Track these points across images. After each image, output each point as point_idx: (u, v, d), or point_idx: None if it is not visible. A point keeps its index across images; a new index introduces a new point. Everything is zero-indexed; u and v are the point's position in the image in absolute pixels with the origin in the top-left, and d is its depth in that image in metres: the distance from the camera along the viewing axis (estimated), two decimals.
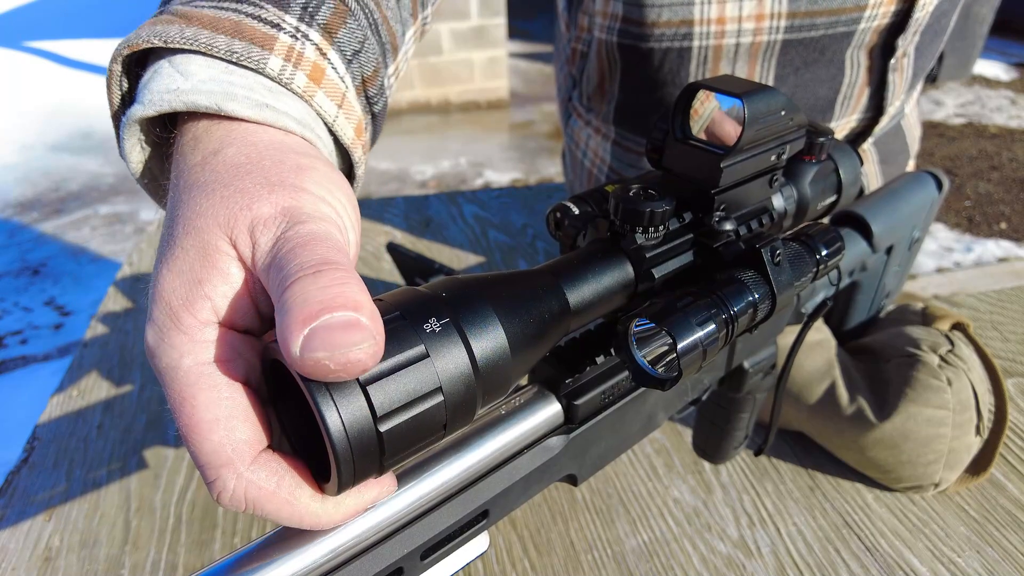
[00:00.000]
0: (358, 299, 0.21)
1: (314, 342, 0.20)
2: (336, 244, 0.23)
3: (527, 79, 4.21)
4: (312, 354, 0.20)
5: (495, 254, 0.97)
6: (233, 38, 0.28)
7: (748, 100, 0.31)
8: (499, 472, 0.30)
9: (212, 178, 0.25)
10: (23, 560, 0.56)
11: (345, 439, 0.21)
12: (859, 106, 0.70)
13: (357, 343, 0.20)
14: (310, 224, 0.24)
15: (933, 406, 0.56)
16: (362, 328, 0.20)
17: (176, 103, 0.27)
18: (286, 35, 0.30)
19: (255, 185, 0.25)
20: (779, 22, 0.60)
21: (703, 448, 0.54)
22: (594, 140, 0.78)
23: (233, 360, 0.24)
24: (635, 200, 0.31)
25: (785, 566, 0.53)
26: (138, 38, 0.28)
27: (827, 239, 0.36)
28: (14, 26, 5.62)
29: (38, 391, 1.91)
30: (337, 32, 0.32)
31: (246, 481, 0.22)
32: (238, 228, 0.24)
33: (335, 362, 0.20)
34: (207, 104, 0.27)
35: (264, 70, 0.29)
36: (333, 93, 0.31)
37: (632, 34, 0.63)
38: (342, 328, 0.20)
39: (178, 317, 0.23)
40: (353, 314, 0.20)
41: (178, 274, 0.24)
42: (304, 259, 0.22)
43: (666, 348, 0.29)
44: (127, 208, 2.97)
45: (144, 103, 0.27)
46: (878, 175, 0.77)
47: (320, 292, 0.21)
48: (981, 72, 4.11)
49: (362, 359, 0.20)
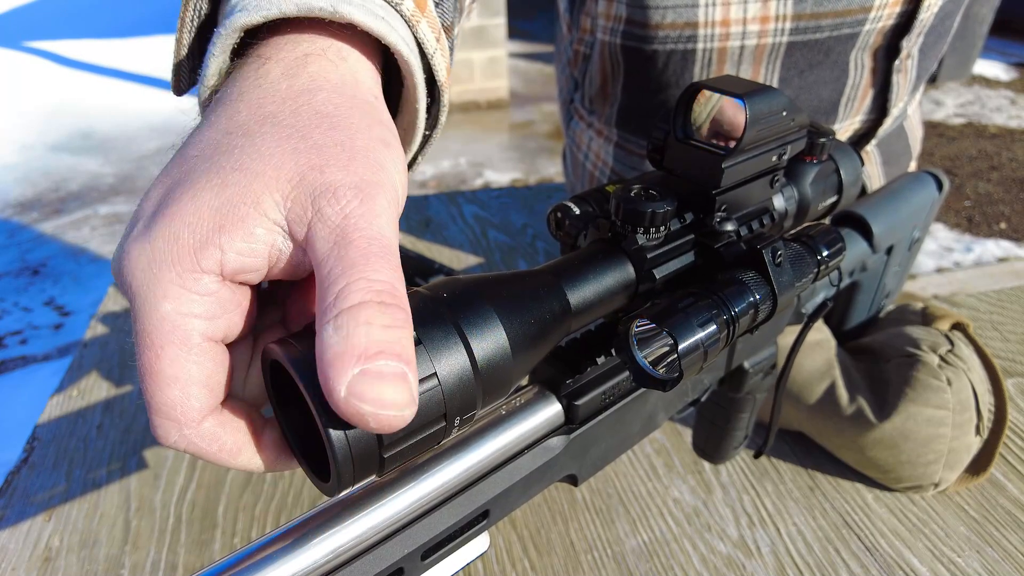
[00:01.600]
0: (410, 351, 0.20)
1: (362, 388, 0.19)
2: (397, 261, 0.22)
3: (527, 79, 4.21)
4: (358, 403, 0.19)
5: (495, 254, 0.97)
6: None
7: (750, 100, 0.31)
8: (499, 472, 0.30)
9: (292, 120, 0.23)
10: (23, 560, 0.56)
11: (345, 443, 0.21)
12: (863, 108, 0.69)
13: (402, 408, 0.19)
14: (381, 220, 0.22)
15: (933, 406, 0.56)
16: (408, 389, 0.20)
17: (287, 6, 0.24)
18: None
19: (336, 145, 0.23)
20: (784, 24, 0.60)
21: (703, 448, 0.54)
22: (596, 142, 0.78)
23: (216, 317, 0.22)
24: (636, 200, 0.31)
25: (785, 566, 0.53)
26: None
27: (828, 240, 0.36)
28: (14, 26, 5.62)
29: (38, 391, 1.91)
30: None
31: (186, 439, 0.22)
32: (300, 189, 0.22)
33: (376, 421, 0.19)
34: (320, 5, 0.24)
35: None
36: (433, 25, 0.30)
37: (636, 36, 0.63)
38: (392, 383, 0.19)
39: (180, 255, 0.21)
40: (405, 368, 0.20)
41: (203, 207, 0.21)
42: (372, 276, 0.20)
43: (667, 349, 0.29)
44: (127, 208, 2.97)
45: (249, 9, 0.24)
46: (881, 176, 0.77)
47: (382, 332, 0.19)
48: (981, 72, 4.12)
49: (398, 424, 0.20)
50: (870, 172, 0.76)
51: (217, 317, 0.22)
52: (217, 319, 0.22)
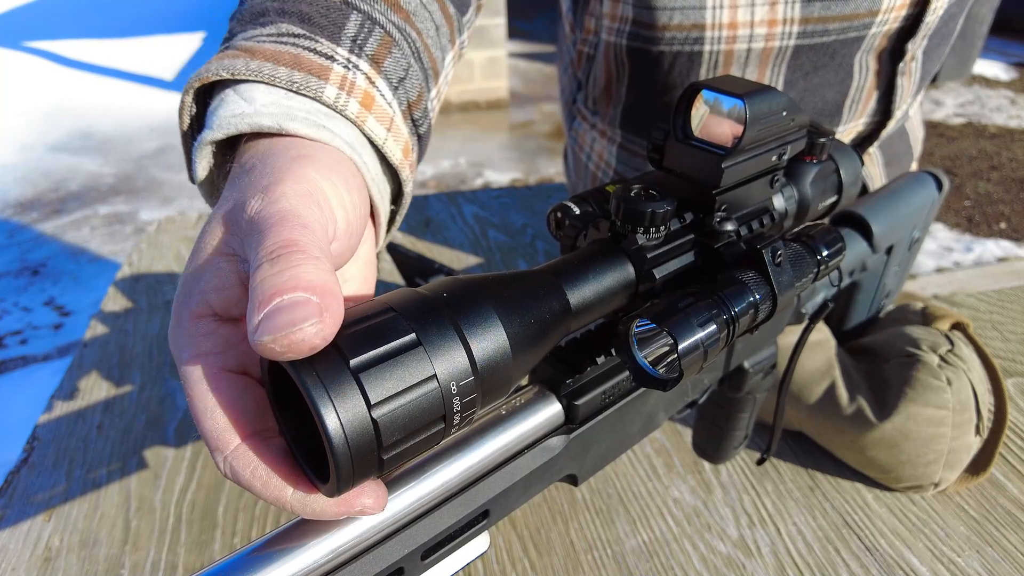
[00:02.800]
0: (310, 279, 0.22)
1: (263, 325, 0.21)
2: (299, 222, 0.24)
3: (527, 79, 4.21)
4: (260, 338, 0.21)
5: (495, 254, 0.97)
6: (293, 69, 0.31)
7: (750, 101, 0.31)
8: (499, 472, 0.30)
9: (230, 186, 0.28)
10: (23, 560, 0.56)
11: (343, 438, 0.21)
12: (867, 110, 0.69)
13: (300, 322, 0.20)
14: (280, 202, 0.25)
15: (933, 406, 0.56)
16: (310, 308, 0.21)
17: (242, 125, 0.30)
18: (339, 66, 0.33)
19: (250, 182, 0.27)
20: (792, 28, 0.59)
21: (703, 448, 0.54)
22: (599, 143, 0.77)
23: (224, 351, 0.25)
24: (636, 200, 0.31)
25: (785, 566, 0.53)
26: (207, 72, 0.31)
27: (828, 240, 0.36)
28: (14, 26, 5.62)
29: (38, 391, 1.91)
30: (383, 62, 0.35)
31: (228, 465, 0.24)
32: (231, 222, 0.26)
33: (279, 344, 0.20)
34: (270, 124, 0.30)
35: (321, 98, 0.32)
36: (382, 118, 0.34)
37: (642, 37, 0.63)
38: (289, 309, 0.21)
39: (179, 313, 0.25)
40: (303, 295, 0.21)
41: (187, 273, 0.26)
42: (268, 243, 0.23)
43: (667, 349, 0.29)
44: (127, 208, 2.97)
45: (213, 128, 0.30)
46: (883, 178, 0.77)
47: (274, 277, 0.22)
48: (981, 72, 4.12)
49: (305, 338, 0.21)
50: (872, 174, 0.76)
51: (224, 351, 0.25)
52: (227, 352, 0.25)
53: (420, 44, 0.39)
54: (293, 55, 0.32)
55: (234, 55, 0.32)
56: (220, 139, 0.31)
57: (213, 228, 0.26)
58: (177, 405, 0.71)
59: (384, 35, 0.36)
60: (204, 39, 5.13)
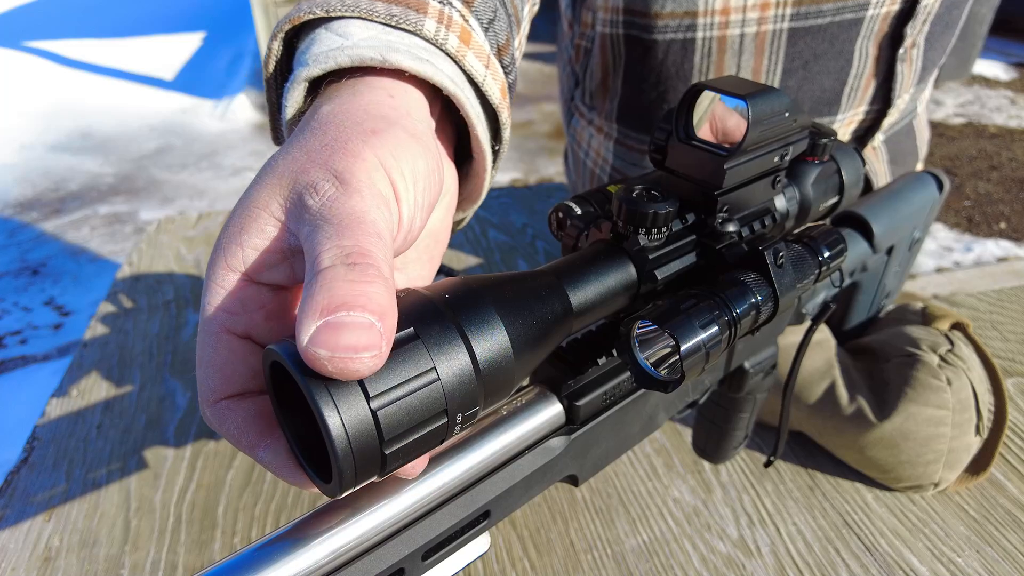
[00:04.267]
0: (382, 303, 0.21)
1: (322, 336, 0.20)
2: (375, 229, 0.23)
3: (527, 79, 4.21)
4: (315, 348, 0.20)
5: (495, 254, 0.97)
6: (390, 3, 0.30)
7: (752, 101, 0.31)
8: (500, 473, 0.30)
9: (295, 136, 0.27)
10: (23, 560, 0.56)
11: (345, 439, 0.21)
12: (865, 98, 0.69)
13: (362, 351, 0.20)
14: (355, 199, 0.24)
15: (933, 406, 0.56)
16: (373, 336, 0.20)
17: (342, 58, 0.28)
18: (436, 0, 0.32)
19: (321, 147, 0.26)
20: (784, 10, 0.59)
21: (703, 448, 0.54)
22: (596, 139, 0.78)
23: (237, 313, 0.25)
24: (638, 201, 0.31)
25: (785, 566, 0.53)
26: (298, 12, 0.30)
27: (829, 241, 0.36)
28: (14, 26, 5.62)
29: (38, 391, 1.91)
30: (474, 2, 0.34)
31: (206, 417, 0.25)
32: (292, 189, 0.25)
33: (333, 365, 0.20)
34: (372, 56, 0.28)
35: (421, 32, 0.30)
36: (480, 54, 0.33)
37: (636, 25, 0.63)
38: (354, 330, 0.20)
39: (215, 260, 0.25)
40: (370, 318, 0.20)
41: (234, 216, 0.25)
42: (344, 243, 0.22)
43: (669, 350, 0.29)
44: (127, 208, 2.97)
45: (309, 63, 0.29)
46: (887, 175, 0.76)
47: (347, 286, 0.21)
48: (981, 72, 4.12)
49: (361, 370, 0.20)
50: (877, 169, 0.75)
51: (238, 313, 0.25)
52: (237, 315, 0.25)
53: None
54: None
55: None
56: (317, 75, 0.29)
57: (270, 182, 0.25)
58: (177, 405, 0.71)
59: None
60: (204, 39, 5.13)
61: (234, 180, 3.11)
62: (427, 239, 0.33)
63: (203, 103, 3.99)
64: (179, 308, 0.87)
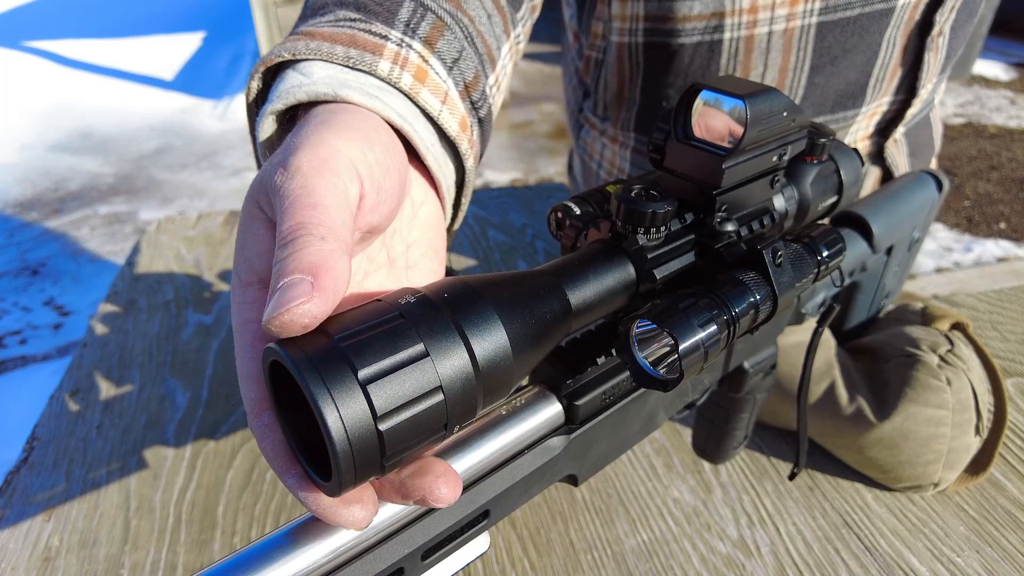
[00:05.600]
0: (310, 260, 0.23)
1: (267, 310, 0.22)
2: (311, 200, 0.25)
3: (527, 79, 4.21)
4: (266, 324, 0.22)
5: (495, 254, 0.97)
6: (348, 47, 0.34)
7: (750, 101, 0.31)
8: (500, 472, 0.30)
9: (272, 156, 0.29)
10: (23, 560, 0.56)
11: (345, 438, 0.21)
12: (891, 88, 0.67)
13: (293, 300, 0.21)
14: (296, 178, 0.26)
15: (932, 406, 0.56)
16: (301, 286, 0.22)
17: (300, 94, 0.32)
18: (393, 44, 0.35)
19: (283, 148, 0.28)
20: (813, 4, 0.58)
21: (703, 448, 0.54)
22: (609, 149, 0.76)
23: (259, 321, 0.26)
24: (637, 201, 0.31)
25: (785, 566, 0.53)
26: (271, 55, 0.34)
27: (828, 240, 0.36)
28: (14, 26, 5.62)
29: (38, 391, 1.90)
30: (436, 43, 0.37)
31: (253, 428, 0.26)
32: (262, 192, 0.27)
33: (273, 325, 0.21)
34: (325, 91, 0.32)
35: (375, 71, 0.34)
36: (436, 91, 0.36)
37: (660, 31, 0.62)
38: (286, 290, 0.22)
39: (232, 281, 0.28)
40: (299, 276, 0.22)
41: (237, 237, 0.28)
42: (283, 229, 0.24)
43: (668, 349, 0.29)
44: (126, 208, 2.96)
45: (274, 100, 0.33)
46: (907, 167, 0.75)
47: (281, 263, 0.23)
48: (980, 72, 4.12)
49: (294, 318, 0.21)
50: (898, 162, 0.74)
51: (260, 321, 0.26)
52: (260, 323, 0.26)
53: (473, 30, 0.41)
54: (349, 35, 0.34)
55: (295, 39, 0.35)
56: (280, 110, 0.33)
57: (250, 193, 0.28)
58: (177, 405, 0.71)
59: (436, 19, 0.38)
60: (204, 39, 5.13)
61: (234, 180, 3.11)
62: (428, 232, 0.35)
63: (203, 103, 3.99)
64: (179, 308, 0.87)
